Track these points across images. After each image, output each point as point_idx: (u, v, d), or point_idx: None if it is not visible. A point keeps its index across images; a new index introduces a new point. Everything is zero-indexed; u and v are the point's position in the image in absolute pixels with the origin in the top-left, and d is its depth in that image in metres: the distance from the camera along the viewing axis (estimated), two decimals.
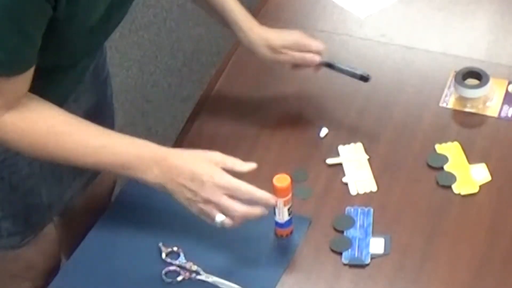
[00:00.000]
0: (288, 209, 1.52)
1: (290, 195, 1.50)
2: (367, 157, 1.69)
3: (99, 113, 1.76)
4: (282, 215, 1.52)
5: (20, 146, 1.46)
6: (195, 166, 1.47)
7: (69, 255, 1.64)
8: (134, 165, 1.46)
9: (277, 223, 1.54)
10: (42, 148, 1.45)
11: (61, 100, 1.61)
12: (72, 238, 1.74)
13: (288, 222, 1.54)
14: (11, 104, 1.40)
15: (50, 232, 1.79)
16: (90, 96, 1.74)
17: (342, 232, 1.57)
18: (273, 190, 1.48)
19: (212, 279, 1.51)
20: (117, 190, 1.88)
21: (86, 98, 1.72)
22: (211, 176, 1.45)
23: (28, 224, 1.71)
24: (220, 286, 1.51)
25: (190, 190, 1.45)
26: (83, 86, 1.69)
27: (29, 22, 1.33)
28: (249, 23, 1.71)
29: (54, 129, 1.45)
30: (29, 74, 1.39)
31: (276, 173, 1.66)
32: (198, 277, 1.52)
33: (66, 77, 1.59)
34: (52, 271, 1.76)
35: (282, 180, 1.49)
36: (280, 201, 1.50)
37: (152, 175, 1.46)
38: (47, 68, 1.47)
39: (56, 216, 1.81)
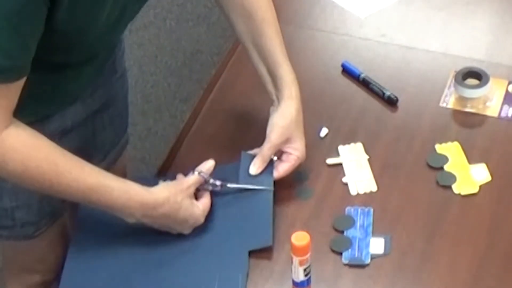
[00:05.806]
0: (305, 270, 1.43)
1: (307, 256, 1.41)
2: (367, 157, 1.69)
3: (114, 108, 1.77)
4: (297, 275, 1.43)
5: (15, 169, 1.43)
6: (182, 212, 1.54)
7: None
8: (119, 210, 1.51)
9: (293, 281, 1.46)
10: (36, 173, 1.44)
11: (79, 94, 1.62)
12: None
13: (303, 283, 1.45)
14: (7, 116, 1.40)
15: (63, 224, 1.80)
16: (107, 91, 1.75)
17: (342, 232, 1.57)
18: (290, 246, 1.41)
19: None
20: None
21: (102, 92, 1.73)
22: (196, 218, 1.55)
23: (42, 214, 1.72)
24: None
25: (170, 228, 1.56)
26: (101, 81, 1.71)
27: (27, 28, 1.33)
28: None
29: (52, 158, 1.45)
30: (21, 83, 1.39)
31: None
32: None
33: (86, 71, 1.60)
34: (63, 265, 1.77)
35: (300, 238, 1.39)
36: (296, 260, 1.41)
37: (133, 219, 1.53)
38: (68, 63, 1.51)
39: (69, 209, 1.82)
